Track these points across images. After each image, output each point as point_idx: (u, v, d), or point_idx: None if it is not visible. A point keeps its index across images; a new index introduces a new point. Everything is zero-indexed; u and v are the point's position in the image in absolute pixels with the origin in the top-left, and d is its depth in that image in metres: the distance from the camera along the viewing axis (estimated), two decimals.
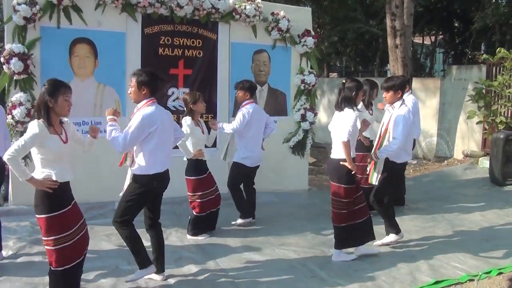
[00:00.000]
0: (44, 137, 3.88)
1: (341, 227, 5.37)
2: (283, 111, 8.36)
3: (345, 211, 5.34)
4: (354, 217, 5.40)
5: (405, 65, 12.15)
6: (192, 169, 6.11)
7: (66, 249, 4.01)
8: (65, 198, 4.07)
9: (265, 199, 7.83)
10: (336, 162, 5.31)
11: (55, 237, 3.95)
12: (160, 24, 7.22)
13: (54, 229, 3.95)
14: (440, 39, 24.43)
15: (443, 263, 5.31)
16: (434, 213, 7.37)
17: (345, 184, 5.28)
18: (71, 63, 6.68)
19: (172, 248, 5.68)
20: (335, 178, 5.36)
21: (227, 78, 7.82)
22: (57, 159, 4.00)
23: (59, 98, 3.95)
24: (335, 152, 5.36)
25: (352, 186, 5.33)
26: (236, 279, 4.87)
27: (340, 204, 5.33)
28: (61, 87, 4.02)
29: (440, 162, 11.98)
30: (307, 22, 8.46)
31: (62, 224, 3.99)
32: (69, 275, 4.08)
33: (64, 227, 4.00)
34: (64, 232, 3.99)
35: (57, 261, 3.99)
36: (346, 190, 5.29)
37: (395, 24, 12.18)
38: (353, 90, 5.29)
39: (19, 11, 6.17)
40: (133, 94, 4.57)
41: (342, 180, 5.29)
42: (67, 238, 4.01)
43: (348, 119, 5.18)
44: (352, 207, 5.37)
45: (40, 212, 3.94)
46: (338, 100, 5.36)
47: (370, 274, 4.99)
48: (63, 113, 4.05)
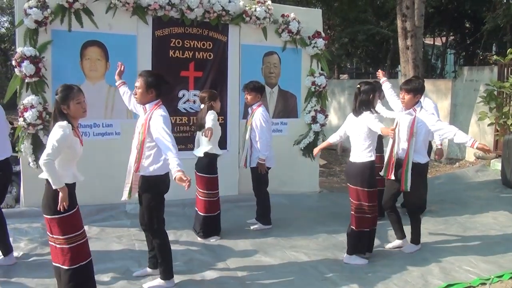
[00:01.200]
0: (72, 138, 3.95)
1: (363, 232, 5.35)
2: (293, 113, 8.35)
3: (369, 215, 5.31)
4: (375, 222, 5.41)
5: (416, 66, 12.10)
6: (210, 166, 6.12)
7: (80, 246, 4.06)
8: (75, 198, 4.11)
9: (276, 201, 7.79)
10: (358, 165, 5.29)
11: (70, 235, 3.99)
12: (171, 27, 7.24)
13: (68, 228, 3.99)
14: (451, 40, 24.32)
15: (455, 267, 5.28)
16: (446, 215, 7.33)
17: (368, 187, 5.26)
18: (82, 66, 6.71)
19: (183, 250, 5.70)
20: (357, 182, 5.31)
21: (237, 80, 7.82)
22: (73, 161, 4.09)
23: (70, 103, 4.01)
24: (355, 155, 5.34)
25: (374, 189, 5.32)
26: (246, 281, 4.87)
27: (362, 207, 5.30)
28: (70, 92, 4.05)
29: (452, 164, 11.91)
30: (318, 24, 8.45)
31: (74, 222, 4.05)
32: (85, 272, 4.12)
33: (76, 226, 4.06)
34: (78, 231, 4.06)
35: (72, 259, 4.02)
36: (369, 193, 5.27)
37: (406, 25, 12.14)
38: (369, 93, 5.28)
39: (30, 14, 6.20)
40: (140, 95, 4.60)
41: (364, 184, 5.26)
42: (81, 236, 4.08)
43: (371, 119, 5.17)
44: (375, 211, 5.37)
45: (52, 213, 3.95)
46: (356, 105, 5.35)
47: (382, 277, 4.97)
48: (79, 115, 4.11)
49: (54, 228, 3.99)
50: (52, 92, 6.50)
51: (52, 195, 3.95)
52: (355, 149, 5.36)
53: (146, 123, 4.51)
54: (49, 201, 3.96)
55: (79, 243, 4.05)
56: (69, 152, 3.98)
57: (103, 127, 6.81)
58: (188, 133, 7.47)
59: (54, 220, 3.96)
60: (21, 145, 6.41)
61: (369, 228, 5.37)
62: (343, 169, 11.39)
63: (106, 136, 6.92)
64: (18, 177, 7.01)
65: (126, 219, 6.71)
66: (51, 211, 3.96)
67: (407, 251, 5.76)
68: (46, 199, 3.99)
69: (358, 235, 5.37)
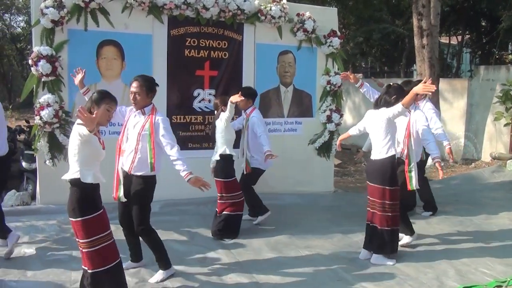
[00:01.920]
0: (91, 136, 3.93)
1: (386, 231, 5.32)
2: (308, 112, 8.33)
3: (389, 213, 5.29)
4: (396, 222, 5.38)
5: (432, 66, 12.00)
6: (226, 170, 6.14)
7: (105, 248, 4.07)
8: (100, 199, 4.14)
9: (290, 201, 7.83)
10: (378, 163, 5.28)
11: (95, 237, 4.00)
12: (186, 26, 7.26)
13: (93, 230, 4.00)
14: (467, 39, 24.08)
15: (470, 268, 5.23)
16: (461, 216, 7.28)
17: (390, 186, 5.25)
18: (98, 65, 6.75)
19: (197, 249, 5.72)
20: (378, 180, 5.30)
21: (252, 79, 7.82)
22: (95, 161, 4.10)
23: (101, 106, 4.07)
24: (376, 152, 5.33)
25: (396, 187, 5.30)
26: (261, 280, 4.86)
27: (384, 206, 5.28)
28: (107, 97, 4.15)
29: (468, 164, 11.82)
30: (333, 23, 8.41)
31: (100, 224, 4.06)
32: (112, 275, 4.11)
33: (102, 227, 4.07)
34: (103, 232, 4.07)
35: (98, 262, 4.03)
36: (390, 192, 5.25)
37: (422, 24, 12.04)
38: (393, 95, 5.26)
39: (47, 14, 6.25)
40: (141, 100, 4.71)
41: (386, 182, 5.25)
42: (106, 238, 4.09)
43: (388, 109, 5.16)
44: (398, 209, 5.35)
45: (78, 215, 3.96)
46: (379, 100, 5.38)
47: (397, 278, 4.94)
48: (102, 121, 4.15)
49: (79, 231, 4.00)
50: (68, 91, 6.57)
51: (77, 198, 3.98)
52: (375, 145, 5.35)
53: (152, 126, 4.68)
54: (73, 203, 3.98)
55: (104, 245, 4.06)
56: (88, 149, 3.98)
57: (119, 126, 6.82)
58: (203, 132, 7.49)
59: (79, 222, 3.97)
60: (38, 143, 6.47)
61: (390, 227, 5.32)
62: (357, 169, 11.38)
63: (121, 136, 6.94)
64: (34, 175, 7.08)
65: None
66: (75, 213, 3.97)
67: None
68: (71, 202, 4.00)
69: (376, 233, 5.35)
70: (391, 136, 5.26)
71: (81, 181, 3.97)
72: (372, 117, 5.41)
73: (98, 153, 4.09)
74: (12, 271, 4.85)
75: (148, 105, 4.76)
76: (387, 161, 5.23)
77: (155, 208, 6.90)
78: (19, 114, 21.59)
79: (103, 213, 4.11)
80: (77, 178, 3.97)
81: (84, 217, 3.96)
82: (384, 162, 5.24)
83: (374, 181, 5.34)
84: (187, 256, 5.49)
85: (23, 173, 7.77)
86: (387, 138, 5.23)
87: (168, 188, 6.70)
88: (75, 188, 3.99)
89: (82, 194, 3.98)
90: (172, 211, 6.99)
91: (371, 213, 5.43)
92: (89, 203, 4.00)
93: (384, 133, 5.23)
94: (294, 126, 8.25)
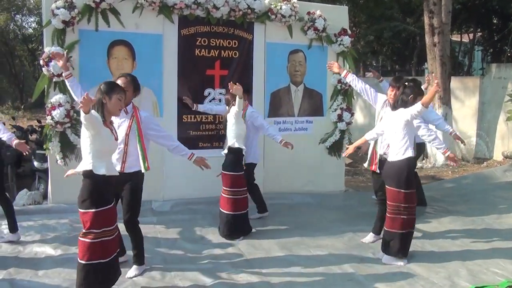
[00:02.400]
0: (101, 124, 4.01)
1: (400, 233, 5.29)
2: (319, 111, 8.31)
3: (404, 216, 5.24)
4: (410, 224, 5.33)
5: (443, 64, 11.94)
6: (235, 163, 6.15)
7: (105, 243, 4.09)
8: (111, 193, 4.21)
9: (301, 200, 7.81)
10: (395, 164, 5.25)
11: (99, 230, 4.03)
12: (197, 26, 7.26)
13: (100, 223, 4.04)
14: (479, 37, 23.92)
15: (482, 268, 5.19)
16: (473, 216, 7.22)
17: (405, 188, 5.20)
18: (109, 65, 6.77)
19: (208, 248, 5.73)
20: (393, 183, 5.25)
21: (262, 78, 7.81)
22: (107, 153, 4.16)
23: (113, 96, 4.16)
24: (393, 153, 5.30)
25: (412, 190, 5.25)
26: (271, 280, 4.85)
27: (399, 209, 5.24)
28: (117, 87, 4.29)
29: (479, 163, 11.74)
30: (344, 21, 8.38)
31: (107, 218, 4.10)
32: (98, 271, 4.08)
33: (108, 221, 4.11)
34: (107, 226, 4.10)
35: (92, 254, 4.03)
36: (406, 195, 5.20)
37: (433, 22, 11.99)
38: (410, 94, 5.24)
39: (58, 15, 6.28)
40: (129, 96, 4.74)
41: (401, 185, 5.20)
42: (110, 232, 4.12)
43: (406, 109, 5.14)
44: (412, 213, 5.30)
45: (88, 207, 4.01)
46: (396, 101, 5.35)
47: (409, 278, 4.92)
48: (115, 111, 4.26)
49: (86, 221, 4.03)
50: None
51: (89, 190, 4.02)
52: (392, 147, 5.32)
53: (139, 123, 4.79)
54: (84, 195, 4.03)
55: (104, 240, 4.07)
56: (99, 141, 4.02)
57: None
58: (214, 131, 7.50)
59: (88, 214, 4.01)
60: (49, 143, 6.50)
61: (403, 230, 5.27)
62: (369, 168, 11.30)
63: None
64: (46, 174, 7.12)
65: (152, 216, 6.76)
66: (85, 204, 4.02)
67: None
68: (82, 193, 4.05)
69: (390, 235, 5.32)
70: (409, 137, 5.20)
71: (93, 173, 4.01)
72: (390, 118, 5.37)
73: (110, 145, 4.16)
74: (24, 270, 4.88)
75: (129, 103, 4.81)
76: (403, 163, 5.19)
77: (166, 207, 7.00)
78: (31, 114, 21.77)
79: (113, 208, 4.17)
80: (89, 169, 4.02)
81: (95, 209, 4.00)
82: (401, 164, 5.20)
83: (390, 183, 5.31)
84: (198, 255, 5.50)
85: (35, 173, 7.83)
86: (405, 140, 5.19)
87: (179, 187, 6.74)
88: (88, 180, 4.04)
89: (95, 186, 4.02)
90: (183, 210, 7.01)
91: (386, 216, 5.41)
92: (100, 196, 4.05)
93: (402, 134, 5.19)
94: (304, 125, 8.23)
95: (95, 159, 4.02)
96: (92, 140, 4.00)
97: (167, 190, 7.13)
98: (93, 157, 4.02)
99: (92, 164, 4.01)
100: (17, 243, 5.66)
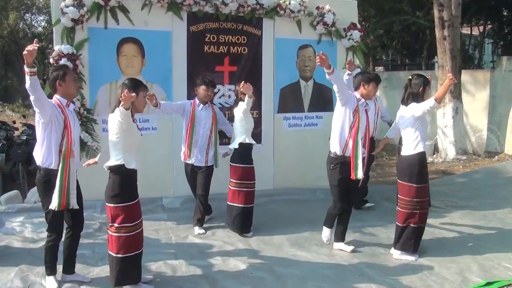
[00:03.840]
0: (131, 121, 4.11)
1: (412, 228, 5.28)
2: (329, 106, 8.25)
3: (417, 211, 5.23)
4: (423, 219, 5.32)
5: (453, 57, 11.86)
6: (245, 157, 6.15)
7: (138, 235, 4.27)
8: (136, 189, 4.33)
9: (311, 196, 7.79)
10: (406, 159, 5.24)
11: (131, 224, 4.18)
12: (205, 22, 7.25)
13: (131, 216, 4.18)
14: (489, 29, 23.75)
15: (494, 264, 5.17)
16: (485, 210, 7.19)
17: (417, 183, 5.19)
18: (119, 62, 6.78)
19: (219, 244, 5.75)
20: (405, 177, 5.25)
21: (271, 74, 7.80)
22: (134, 147, 4.26)
23: (140, 93, 4.22)
24: (405, 148, 5.29)
25: (424, 185, 5.25)
26: (282, 275, 4.87)
27: (411, 203, 5.23)
28: (142, 84, 4.36)
29: (491, 157, 11.65)
30: (353, 15, 8.33)
31: (135, 212, 4.25)
32: (135, 261, 4.28)
33: (136, 215, 4.26)
34: (136, 220, 4.24)
35: (128, 248, 4.20)
36: (418, 189, 5.20)
37: (443, 15, 11.90)
38: (420, 86, 5.23)
39: (67, 13, 6.30)
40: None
41: (413, 179, 5.20)
42: (137, 226, 4.26)
43: (418, 104, 5.13)
44: (426, 207, 5.30)
45: (120, 201, 4.15)
46: (404, 96, 5.33)
47: (420, 274, 4.91)
48: (140, 108, 4.36)
49: (117, 217, 4.16)
50: (89, 88, 6.62)
51: (120, 184, 4.15)
52: (404, 141, 5.32)
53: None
54: (114, 190, 4.15)
55: (134, 233, 4.22)
56: (128, 136, 4.13)
57: (140, 122, 6.88)
58: None
59: (118, 208, 4.14)
60: None
61: (415, 224, 5.26)
62: (379, 163, 11.29)
63: (143, 131, 6.90)
64: None
65: (163, 212, 6.80)
66: (116, 199, 4.14)
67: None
68: (113, 189, 4.17)
69: (402, 230, 5.31)
70: (420, 132, 5.20)
71: (125, 167, 4.14)
72: (402, 113, 5.34)
73: (138, 139, 4.29)
74: (36, 267, 4.90)
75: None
76: (415, 157, 5.19)
77: (176, 204, 7.02)
78: None
79: (138, 202, 4.29)
80: (121, 164, 4.14)
81: (127, 203, 4.14)
82: (412, 159, 5.20)
83: (402, 177, 5.31)
84: (209, 251, 5.53)
85: None
86: (416, 134, 5.19)
87: None
88: (118, 175, 4.16)
89: (125, 180, 4.17)
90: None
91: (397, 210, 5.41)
92: (130, 190, 4.21)
93: (413, 129, 5.19)
94: (314, 121, 8.21)
95: (126, 154, 4.15)
96: (122, 135, 4.11)
97: (178, 187, 7.14)
98: (124, 152, 4.14)
99: (124, 158, 4.13)
100: (29, 240, 5.70)
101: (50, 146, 4.26)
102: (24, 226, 6.16)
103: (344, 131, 5.40)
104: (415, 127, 5.18)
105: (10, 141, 10.36)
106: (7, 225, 6.15)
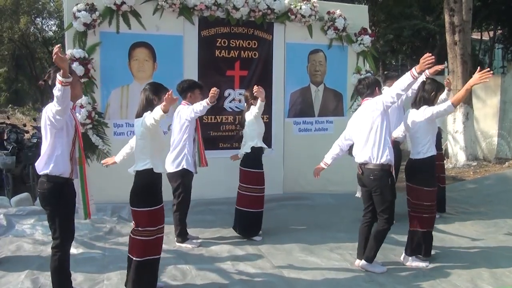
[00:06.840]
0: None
1: (421, 232, 5.25)
2: (339, 111, 8.27)
3: (426, 215, 5.22)
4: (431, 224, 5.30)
5: (464, 62, 11.82)
6: (256, 161, 6.12)
7: (159, 240, 4.28)
8: (161, 194, 4.32)
9: (322, 200, 7.78)
10: (416, 163, 5.21)
11: (153, 228, 4.19)
12: (217, 27, 7.29)
13: (154, 221, 4.19)
14: (499, 34, 23.64)
15: (505, 271, 5.12)
16: (496, 217, 7.14)
17: (426, 186, 5.17)
18: (130, 66, 6.82)
19: (228, 248, 5.75)
20: (415, 181, 5.24)
21: (282, 78, 7.81)
22: (161, 151, 4.32)
23: (162, 96, 4.16)
24: (414, 152, 5.26)
25: (433, 188, 5.22)
26: (292, 281, 4.85)
27: (421, 207, 5.21)
28: (163, 87, 4.36)
29: (501, 163, 11.58)
30: (364, 20, 8.34)
31: (159, 216, 4.26)
32: (153, 266, 4.28)
33: (161, 219, 4.27)
34: (159, 225, 4.25)
35: (149, 252, 4.21)
36: (427, 192, 5.17)
37: (454, 20, 11.88)
38: (432, 91, 5.21)
39: (79, 17, 6.36)
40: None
41: (422, 183, 5.18)
42: (160, 231, 4.27)
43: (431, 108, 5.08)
44: (433, 211, 5.28)
45: (145, 206, 4.15)
46: (416, 98, 5.29)
47: (431, 281, 4.87)
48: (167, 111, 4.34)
49: (142, 220, 4.17)
50: (100, 92, 6.65)
51: (146, 189, 4.16)
52: (414, 145, 5.28)
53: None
54: (142, 195, 4.17)
55: (158, 236, 4.24)
56: (156, 139, 4.18)
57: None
58: (234, 132, 7.52)
59: (145, 212, 4.15)
60: None
61: (424, 228, 5.24)
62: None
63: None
64: None
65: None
66: (144, 204, 4.15)
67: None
68: (139, 194, 4.17)
69: (413, 235, 5.29)
70: (431, 135, 5.18)
71: (153, 171, 4.15)
72: (411, 116, 5.28)
73: (164, 143, 4.37)
74: (46, 270, 4.90)
75: None
76: (426, 161, 5.16)
77: None
78: None
79: (162, 206, 4.30)
80: (149, 168, 4.14)
81: (152, 208, 4.16)
82: (423, 162, 5.17)
83: (411, 181, 5.28)
84: (219, 255, 5.52)
85: None
86: (428, 138, 5.16)
87: (200, 188, 6.74)
88: (145, 179, 4.16)
89: (153, 184, 4.18)
90: (205, 211, 7.04)
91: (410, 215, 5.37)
92: (157, 195, 4.23)
93: (425, 132, 5.15)
94: (325, 126, 8.20)
95: (153, 158, 4.17)
96: (151, 139, 4.14)
97: None
98: (151, 157, 4.15)
99: (152, 162, 4.14)
100: (39, 243, 5.73)
101: (62, 153, 3.96)
102: (34, 228, 6.20)
103: (388, 139, 5.07)
104: (427, 130, 5.15)
105: (21, 144, 10.43)
106: (17, 227, 6.19)
